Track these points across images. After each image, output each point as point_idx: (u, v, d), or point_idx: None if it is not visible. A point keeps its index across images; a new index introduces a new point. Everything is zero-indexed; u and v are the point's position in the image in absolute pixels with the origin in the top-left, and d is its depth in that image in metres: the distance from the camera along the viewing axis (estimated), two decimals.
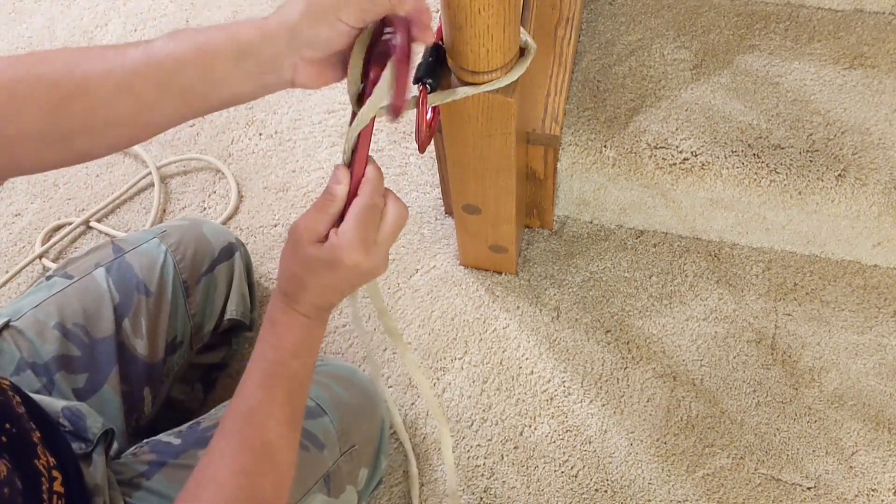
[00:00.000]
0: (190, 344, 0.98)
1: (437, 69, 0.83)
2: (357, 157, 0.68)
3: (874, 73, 1.13)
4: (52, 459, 0.69)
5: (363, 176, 0.67)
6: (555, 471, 1.08)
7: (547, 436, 1.10)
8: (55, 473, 0.68)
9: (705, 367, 1.13)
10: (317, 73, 0.63)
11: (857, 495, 1.04)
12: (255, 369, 0.65)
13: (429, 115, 0.82)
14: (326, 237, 0.63)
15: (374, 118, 0.69)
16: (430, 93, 0.81)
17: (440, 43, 0.84)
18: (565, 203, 1.24)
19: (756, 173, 1.08)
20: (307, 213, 0.63)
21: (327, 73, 0.64)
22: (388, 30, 0.67)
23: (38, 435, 0.69)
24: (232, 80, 0.61)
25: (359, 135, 0.68)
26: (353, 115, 0.70)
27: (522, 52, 0.86)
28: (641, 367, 1.14)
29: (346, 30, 0.61)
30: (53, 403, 0.77)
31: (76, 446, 0.77)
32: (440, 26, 0.83)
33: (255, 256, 1.27)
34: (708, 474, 1.06)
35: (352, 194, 0.66)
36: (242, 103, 0.65)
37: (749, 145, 1.09)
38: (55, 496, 0.67)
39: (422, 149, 0.82)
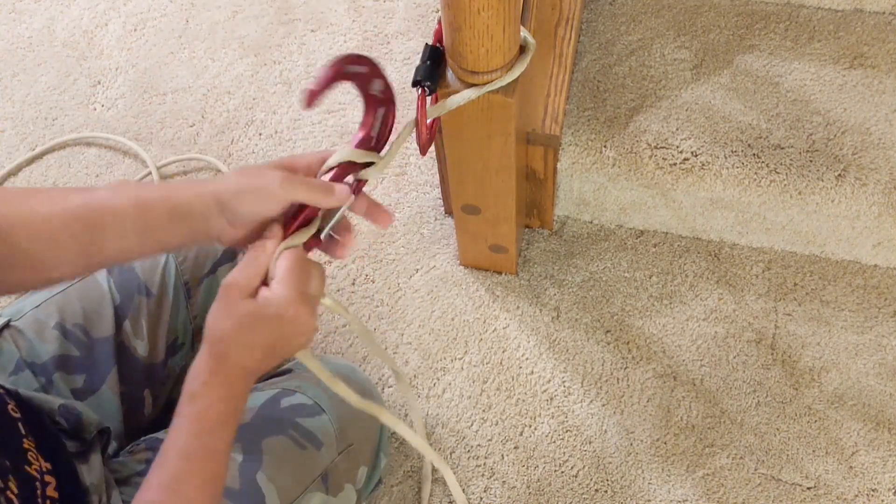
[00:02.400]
0: (192, 345, 0.98)
1: (434, 72, 0.83)
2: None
3: (874, 73, 1.13)
4: (45, 464, 0.69)
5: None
6: (555, 471, 1.08)
7: (547, 436, 1.10)
8: (48, 478, 0.68)
9: (705, 367, 1.13)
10: (244, 237, 0.67)
11: (857, 495, 1.04)
12: (173, 447, 0.63)
13: (428, 119, 0.82)
14: (256, 292, 0.64)
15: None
16: (428, 95, 0.81)
17: (438, 45, 0.84)
18: (565, 203, 1.24)
19: (756, 173, 1.08)
20: (237, 269, 0.64)
21: (251, 239, 0.67)
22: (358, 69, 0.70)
23: (32, 441, 0.69)
24: (164, 233, 0.65)
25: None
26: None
27: (522, 49, 0.86)
28: (641, 367, 1.14)
29: (275, 207, 0.65)
30: (50, 401, 0.77)
31: (72, 445, 0.77)
32: (439, 27, 0.83)
33: None
34: (708, 474, 1.06)
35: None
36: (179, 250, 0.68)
37: (749, 145, 1.09)
38: (48, 501, 0.67)
39: (423, 151, 0.82)
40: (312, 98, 0.66)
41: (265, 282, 0.65)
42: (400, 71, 1.43)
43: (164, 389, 0.95)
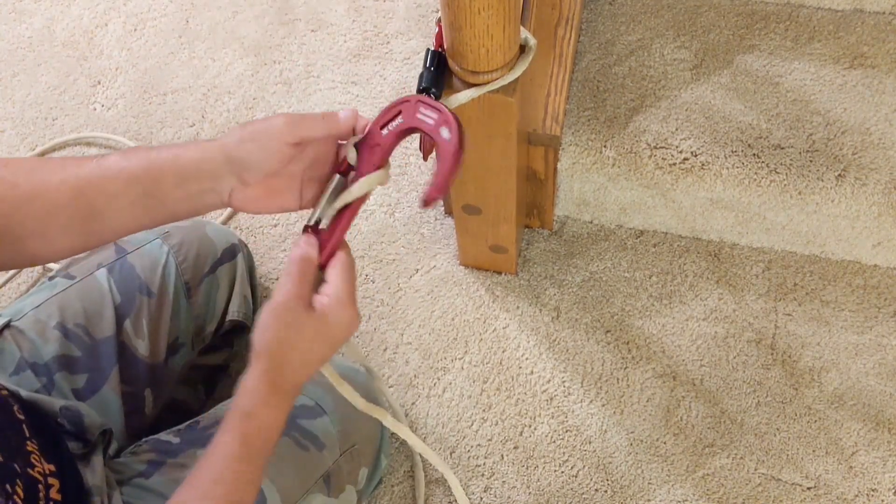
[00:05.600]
0: (192, 345, 0.98)
1: (440, 77, 0.83)
2: (339, 224, 0.67)
3: (874, 73, 1.13)
4: (48, 467, 0.69)
5: (339, 241, 0.67)
6: (555, 471, 1.08)
7: (547, 436, 1.10)
8: (52, 480, 0.68)
9: (705, 367, 1.13)
10: (256, 197, 0.66)
11: (857, 495, 1.04)
12: (211, 469, 0.62)
13: None
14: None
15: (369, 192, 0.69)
16: (435, 101, 0.81)
17: (440, 50, 0.84)
18: (565, 203, 1.24)
19: (756, 173, 1.08)
20: (289, 286, 0.62)
21: (267, 198, 0.66)
22: (428, 113, 0.68)
23: (35, 444, 0.69)
24: (174, 198, 0.64)
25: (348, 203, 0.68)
26: (346, 165, 0.69)
27: (523, 49, 0.86)
28: (641, 367, 1.14)
29: (277, 148, 0.63)
30: (52, 403, 0.77)
31: (75, 446, 0.77)
32: (440, 31, 0.83)
33: (254, 257, 1.27)
34: (708, 474, 1.06)
35: (327, 256, 0.66)
36: (185, 219, 0.68)
37: (749, 145, 1.09)
38: (52, 503, 0.67)
39: (426, 156, 0.82)
40: (430, 202, 0.65)
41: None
42: (400, 71, 1.43)
43: (164, 389, 0.95)
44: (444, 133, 0.66)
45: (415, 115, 0.68)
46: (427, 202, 0.65)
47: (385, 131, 0.68)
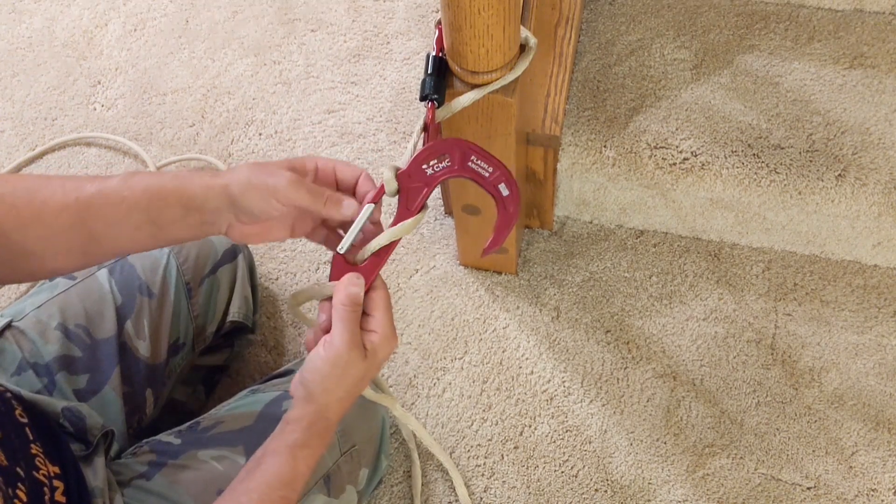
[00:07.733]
0: (192, 345, 0.98)
1: (441, 82, 0.83)
2: (377, 260, 0.68)
3: (874, 73, 1.13)
4: (53, 469, 0.69)
5: (375, 276, 0.68)
6: (555, 471, 1.08)
7: (547, 436, 1.10)
8: (56, 483, 0.68)
9: (705, 367, 1.13)
10: (252, 233, 0.68)
11: (857, 495, 1.04)
12: (270, 489, 0.65)
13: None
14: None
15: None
16: (437, 108, 0.81)
17: (441, 55, 0.84)
18: (565, 203, 1.24)
19: (756, 173, 1.08)
20: (346, 335, 0.64)
21: (261, 234, 0.69)
22: (482, 164, 0.68)
23: (39, 446, 0.69)
24: (176, 226, 0.66)
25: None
26: (380, 194, 0.69)
27: (523, 49, 0.86)
28: (641, 367, 1.14)
29: (279, 207, 0.65)
30: (54, 404, 0.77)
31: (76, 447, 0.77)
32: (440, 35, 0.83)
33: (254, 257, 1.27)
34: (708, 474, 1.06)
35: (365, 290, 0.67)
36: (182, 243, 0.70)
37: (749, 145, 1.09)
38: None
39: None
40: (489, 253, 0.69)
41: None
42: (400, 71, 1.43)
43: (164, 389, 0.96)
44: (504, 190, 0.68)
45: (466, 164, 0.68)
46: (485, 254, 0.69)
47: (429, 170, 0.68)
